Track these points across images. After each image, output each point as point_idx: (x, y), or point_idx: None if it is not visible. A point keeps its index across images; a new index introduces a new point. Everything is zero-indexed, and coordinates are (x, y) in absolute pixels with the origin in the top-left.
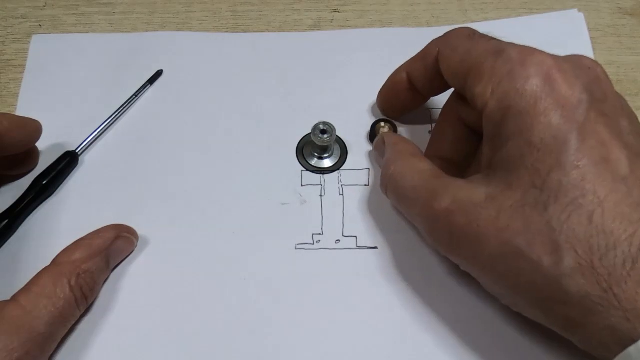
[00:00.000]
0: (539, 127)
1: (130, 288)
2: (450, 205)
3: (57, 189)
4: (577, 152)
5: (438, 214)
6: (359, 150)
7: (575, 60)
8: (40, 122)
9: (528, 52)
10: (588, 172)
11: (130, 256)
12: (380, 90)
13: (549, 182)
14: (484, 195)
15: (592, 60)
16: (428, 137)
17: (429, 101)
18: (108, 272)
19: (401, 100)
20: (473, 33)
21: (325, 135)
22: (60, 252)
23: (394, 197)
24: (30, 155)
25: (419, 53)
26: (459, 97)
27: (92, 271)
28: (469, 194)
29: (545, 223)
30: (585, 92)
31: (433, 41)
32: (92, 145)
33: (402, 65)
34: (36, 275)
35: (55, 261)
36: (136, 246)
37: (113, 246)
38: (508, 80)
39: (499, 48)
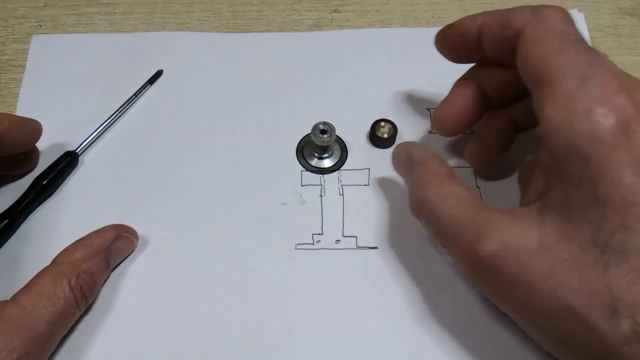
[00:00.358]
0: (609, 181)
1: (130, 288)
2: (498, 249)
3: (57, 189)
4: None
5: (483, 257)
6: (359, 150)
7: None
8: (40, 122)
9: (612, 92)
10: None
11: (131, 256)
12: (447, 27)
13: (612, 244)
14: (537, 242)
15: None
16: (428, 136)
17: (429, 101)
18: (108, 272)
19: (466, 50)
20: (566, 29)
21: (325, 135)
22: (60, 252)
23: (429, 226)
24: (30, 155)
25: (501, 12)
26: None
27: (92, 271)
28: (519, 239)
29: (604, 286)
30: None
31: (520, 9)
32: (92, 145)
33: (476, 16)
34: (36, 275)
35: (55, 261)
36: (136, 246)
37: (113, 246)
38: (584, 120)
39: (585, 71)
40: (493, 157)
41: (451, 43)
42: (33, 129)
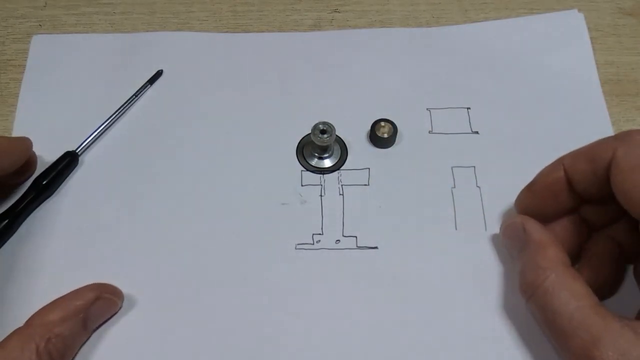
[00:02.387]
0: None
1: (131, 288)
2: None
3: (57, 189)
4: None
5: None
6: (359, 150)
7: None
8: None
9: None
10: None
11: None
12: (529, 187)
13: None
14: None
15: None
16: (428, 137)
17: (429, 101)
18: (86, 335)
19: (558, 202)
20: None
21: (325, 135)
22: (35, 313)
23: (540, 314)
24: (27, 164)
25: (584, 148)
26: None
27: (64, 335)
28: (638, 356)
29: None
30: None
31: (608, 140)
32: (92, 145)
33: (560, 159)
34: (6, 338)
35: (27, 322)
36: (120, 307)
37: (92, 308)
38: None
39: None
40: (607, 284)
41: (539, 199)
42: (23, 149)
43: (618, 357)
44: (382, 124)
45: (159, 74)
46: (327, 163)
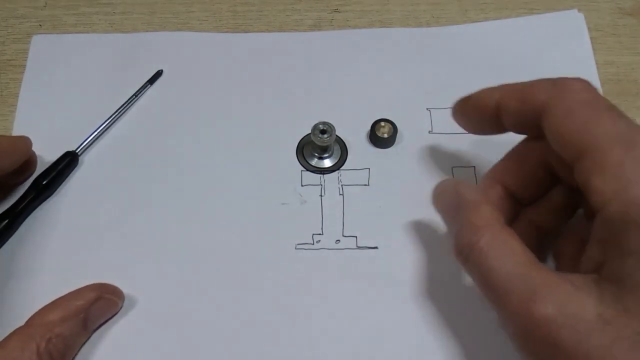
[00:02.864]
0: None
1: (131, 289)
2: (555, 314)
3: (57, 189)
4: None
5: (538, 321)
6: (359, 150)
7: None
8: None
9: None
10: None
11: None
12: (465, 99)
13: None
14: (595, 313)
15: None
16: (428, 137)
17: (429, 101)
18: (86, 335)
19: (485, 127)
20: (595, 97)
21: (325, 135)
22: (35, 313)
23: (476, 275)
24: (27, 164)
25: (519, 86)
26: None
27: (64, 335)
28: (577, 307)
29: None
30: None
31: (540, 83)
32: (92, 145)
33: (494, 89)
34: (6, 337)
35: (28, 322)
36: (121, 307)
37: (93, 308)
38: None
39: (629, 136)
40: None
41: (469, 116)
42: (22, 148)
43: (557, 309)
44: (382, 124)
45: (159, 74)
46: (327, 163)
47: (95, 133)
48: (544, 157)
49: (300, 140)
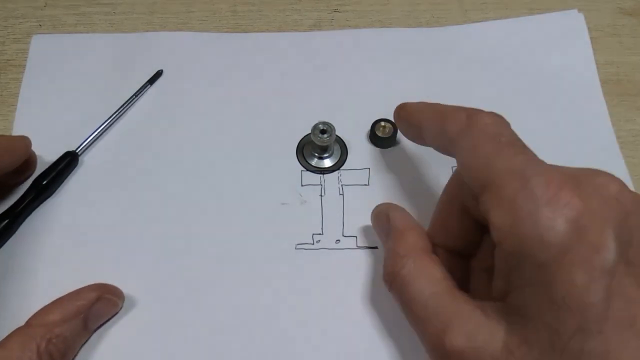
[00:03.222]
0: (562, 284)
1: (131, 289)
2: (463, 346)
3: (57, 189)
4: (602, 316)
5: (450, 353)
6: (359, 150)
7: (599, 191)
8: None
9: (554, 188)
10: (612, 340)
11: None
12: (401, 106)
13: (569, 348)
14: (502, 343)
15: (616, 183)
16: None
17: (429, 101)
18: (87, 335)
19: (413, 136)
20: (500, 132)
21: (325, 135)
22: (35, 313)
23: (400, 304)
24: (27, 163)
25: (439, 110)
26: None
27: (65, 335)
28: (486, 337)
29: None
30: (614, 240)
31: (456, 113)
32: (92, 145)
33: (421, 107)
34: (6, 337)
35: (28, 322)
36: (121, 307)
37: (93, 308)
38: (531, 224)
39: (523, 173)
40: None
41: (401, 126)
42: (22, 148)
43: (466, 340)
44: (382, 124)
45: (159, 74)
46: (327, 163)
47: (95, 133)
48: (462, 205)
49: (300, 140)
